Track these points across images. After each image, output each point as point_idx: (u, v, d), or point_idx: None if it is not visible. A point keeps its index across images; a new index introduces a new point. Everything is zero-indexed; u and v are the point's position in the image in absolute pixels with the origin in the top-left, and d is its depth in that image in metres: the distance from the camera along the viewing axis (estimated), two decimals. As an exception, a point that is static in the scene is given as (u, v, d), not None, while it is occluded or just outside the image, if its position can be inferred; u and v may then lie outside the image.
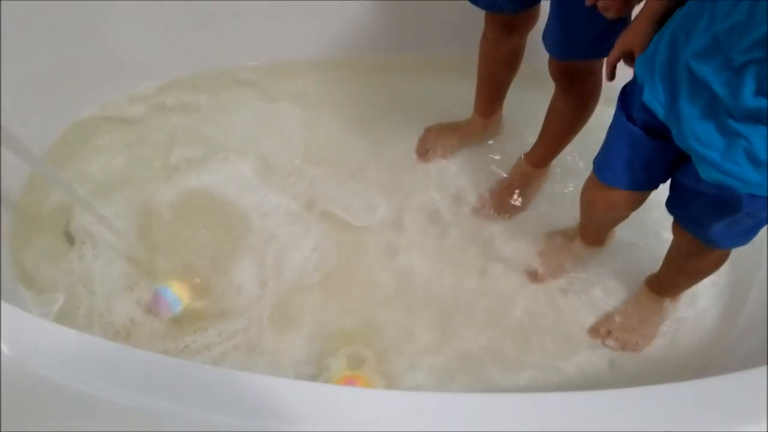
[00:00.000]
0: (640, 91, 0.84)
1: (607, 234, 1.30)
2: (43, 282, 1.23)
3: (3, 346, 0.70)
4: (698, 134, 0.75)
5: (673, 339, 1.25)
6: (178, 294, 1.22)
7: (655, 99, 0.80)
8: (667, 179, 0.96)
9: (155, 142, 1.46)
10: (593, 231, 1.28)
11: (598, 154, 1.02)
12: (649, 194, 1.02)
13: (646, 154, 0.92)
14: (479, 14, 1.24)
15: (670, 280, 1.19)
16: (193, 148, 1.45)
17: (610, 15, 0.91)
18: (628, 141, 0.93)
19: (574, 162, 1.44)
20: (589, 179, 1.08)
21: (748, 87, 0.67)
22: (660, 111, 0.80)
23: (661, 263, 1.20)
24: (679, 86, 0.76)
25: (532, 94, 1.36)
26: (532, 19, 1.21)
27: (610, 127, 0.98)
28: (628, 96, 0.91)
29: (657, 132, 0.87)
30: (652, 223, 1.35)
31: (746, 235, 0.92)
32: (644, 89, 0.81)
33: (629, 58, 0.88)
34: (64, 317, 1.18)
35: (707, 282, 1.22)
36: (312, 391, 0.71)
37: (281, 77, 1.59)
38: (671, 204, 0.98)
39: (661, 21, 0.82)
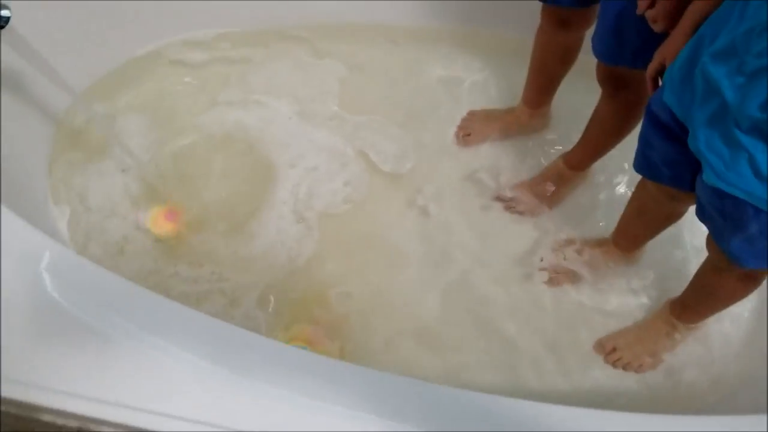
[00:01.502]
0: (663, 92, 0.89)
1: (645, 239, 1.32)
2: (58, 193, 1.36)
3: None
4: (706, 139, 0.79)
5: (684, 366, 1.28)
6: (153, 218, 1.34)
7: (674, 99, 0.84)
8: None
9: (203, 86, 1.59)
10: (633, 231, 1.30)
11: None
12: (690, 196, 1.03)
13: (664, 152, 0.97)
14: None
15: (694, 300, 1.20)
16: (240, 93, 1.57)
17: (658, 28, 0.95)
18: (646, 138, 0.99)
19: (614, 169, 1.47)
20: None
21: (757, 96, 0.71)
22: (678, 111, 0.84)
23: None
24: (695, 88, 0.80)
25: (589, 93, 1.40)
26: (588, 18, 1.24)
27: None
28: (656, 96, 0.95)
29: (674, 134, 0.91)
30: (685, 245, 1.39)
31: None
32: (665, 89, 0.86)
33: (663, 72, 0.92)
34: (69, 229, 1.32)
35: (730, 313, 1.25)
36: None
37: (334, 38, 1.68)
38: (697, 211, 1.00)
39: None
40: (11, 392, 0.78)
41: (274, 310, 1.27)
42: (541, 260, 1.37)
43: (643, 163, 1.05)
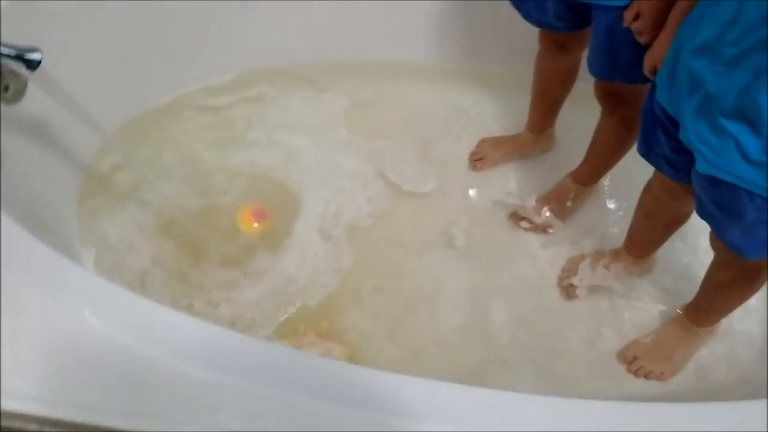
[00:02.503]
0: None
1: (656, 246, 1.37)
2: (85, 235, 1.43)
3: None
4: (695, 129, 0.85)
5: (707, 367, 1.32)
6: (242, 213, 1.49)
7: (665, 97, 0.91)
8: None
9: (226, 129, 1.69)
10: (643, 237, 1.35)
11: None
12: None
13: (663, 147, 1.03)
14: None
15: (706, 301, 1.24)
16: (259, 131, 1.68)
17: (643, 40, 1.04)
18: (643, 130, 1.07)
19: (620, 182, 1.54)
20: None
21: (736, 82, 0.77)
22: (669, 108, 0.90)
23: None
24: (681, 84, 0.87)
25: (589, 113, 1.47)
26: (584, 40, 1.33)
27: None
28: (649, 97, 1.03)
29: (668, 131, 0.97)
30: (698, 249, 1.44)
31: None
32: (657, 90, 0.92)
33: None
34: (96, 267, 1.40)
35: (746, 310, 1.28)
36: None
37: (336, 75, 1.79)
38: (697, 209, 1.04)
39: None
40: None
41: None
42: (581, 280, 1.41)
43: (644, 151, 1.11)
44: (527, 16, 1.31)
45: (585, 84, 1.40)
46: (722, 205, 0.93)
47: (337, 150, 1.65)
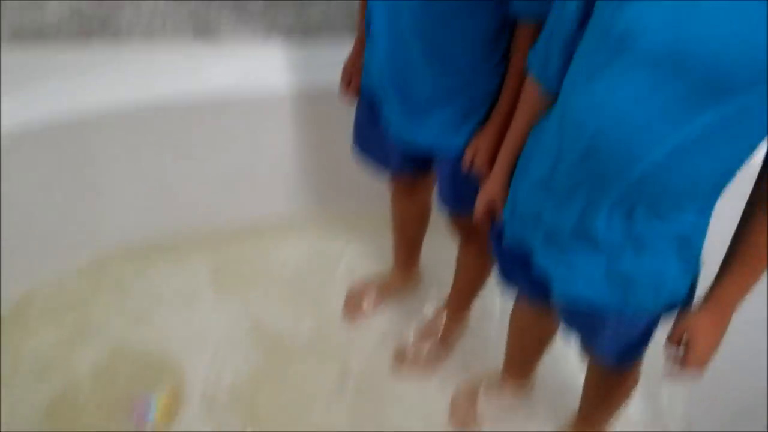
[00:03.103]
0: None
1: (533, 364, 1.41)
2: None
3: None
4: (544, 258, 0.91)
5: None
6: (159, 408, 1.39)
7: (511, 231, 0.97)
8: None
9: (86, 321, 1.58)
10: (519, 357, 1.39)
11: None
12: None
13: (523, 279, 1.09)
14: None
15: (589, 410, 1.29)
16: (126, 316, 1.59)
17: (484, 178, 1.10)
18: (499, 265, 1.13)
19: (492, 306, 1.60)
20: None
21: (571, 210, 0.85)
22: (518, 241, 0.96)
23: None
24: (525, 217, 0.93)
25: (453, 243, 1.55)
26: (431, 180, 1.41)
27: None
28: (494, 239, 1.10)
29: (524, 261, 1.02)
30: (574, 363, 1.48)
31: (637, 348, 1.02)
32: (506, 227, 0.98)
33: (491, 212, 1.06)
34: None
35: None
36: None
37: (199, 241, 1.77)
38: (562, 323, 1.10)
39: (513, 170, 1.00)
40: None
41: None
42: (476, 412, 1.41)
43: (506, 280, 1.16)
44: (374, 168, 1.38)
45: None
46: (583, 322, 0.98)
47: (208, 314, 1.61)
